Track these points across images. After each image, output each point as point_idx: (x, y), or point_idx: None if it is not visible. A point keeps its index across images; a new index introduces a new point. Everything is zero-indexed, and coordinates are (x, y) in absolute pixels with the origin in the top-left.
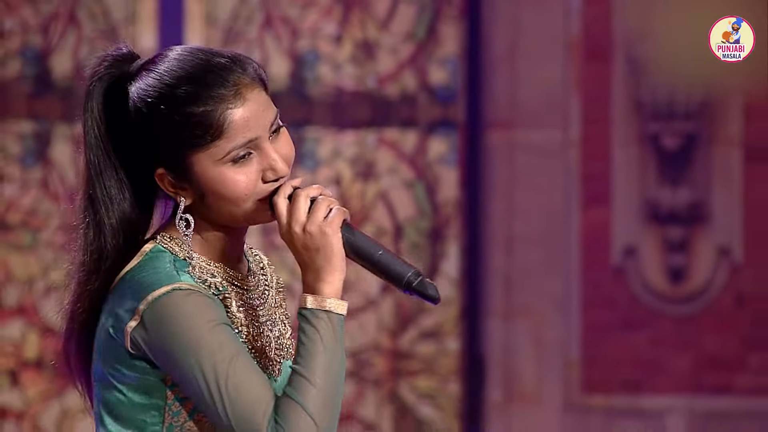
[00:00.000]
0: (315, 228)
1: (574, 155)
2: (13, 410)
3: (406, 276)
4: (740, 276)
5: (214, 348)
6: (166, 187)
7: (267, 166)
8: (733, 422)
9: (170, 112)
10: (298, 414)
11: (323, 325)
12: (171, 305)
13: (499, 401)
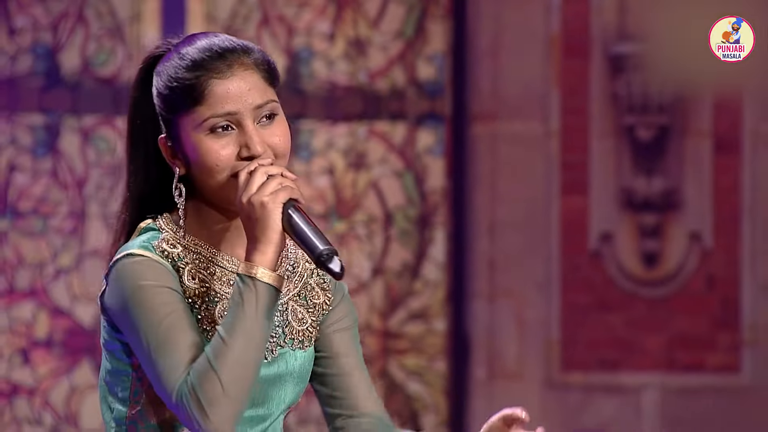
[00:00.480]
0: (257, 200)
1: (553, 146)
2: (24, 387)
3: (316, 251)
4: (710, 260)
5: (147, 309)
6: (167, 156)
7: (243, 143)
8: (704, 398)
9: (170, 79)
10: (207, 371)
11: (248, 291)
12: (119, 270)
13: (483, 378)
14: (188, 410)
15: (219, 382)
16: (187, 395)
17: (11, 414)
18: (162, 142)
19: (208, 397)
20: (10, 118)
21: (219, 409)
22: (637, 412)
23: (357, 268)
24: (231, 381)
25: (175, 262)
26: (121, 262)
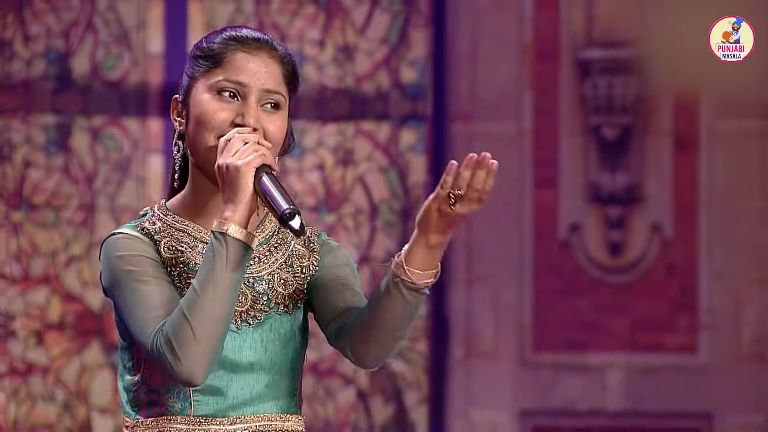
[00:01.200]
0: (232, 164)
1: (526, 144)
2: (38, 366)
3: (280, 210)
4: (670, 249)
5: (123, 273)
6: (173, 114)
7: (241, 112)
8: (664, 376)
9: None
10: (180, 319)
11: (219, 246)
12: (105, 246)
13: (460, 358)
14: (163, 355)
15: (190, 328)
16: (162, 343)
17: (26, 391)
18: (174, 100)
19: (179, 342)
20: (25, 118)
21: (190, 353)
22: (603, 389)
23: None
24: (201, 328)
25: (152, 236)
26: (105, 242)
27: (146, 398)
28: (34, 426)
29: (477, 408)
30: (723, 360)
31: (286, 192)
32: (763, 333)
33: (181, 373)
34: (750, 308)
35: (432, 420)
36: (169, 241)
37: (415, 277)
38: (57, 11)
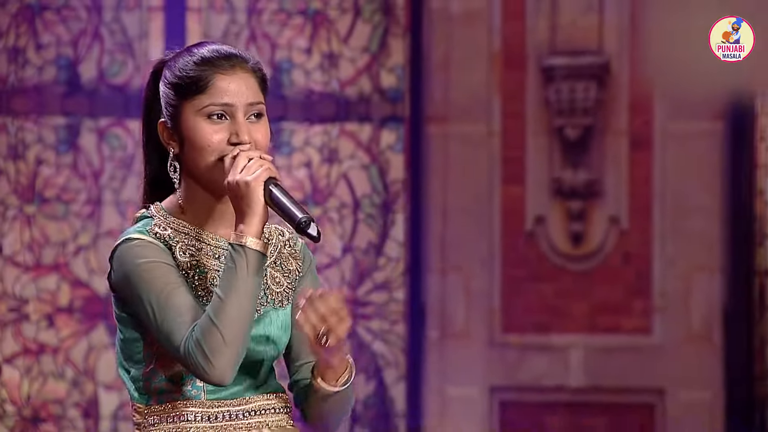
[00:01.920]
0: (242, 180)
1: (495, 143)
2: (49, 346)
3: (296, 219)
4: (626, 239)
5: (148, 281)
6: (163, 138)
7: (234, 131)
8: (621, 355)
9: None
10: (209, 326)
11: (239, 257)
12: (122, 251)
13: (435, 339)
14: (195, 361)
15: (220, 334)
16: (193, 348)
17: (38, 369)
18: (162, 124)
19: (211, 348)
20: (37, 120)
21: (221, 358)
22: (565, 367)
23: (329, 246)
24: (230, 332)
25: (166, 241)
26: (121, 247)
27: (158, 387)
28: (45, 401)
29: (450, 385)
30: (674, 340)
31: (296, 201)
32: (711, 315)
33: (213, 376)
34: (698, 293)
35: (409, 396)
36: (183, 246)
37: (331, 385)
38: (66, 22)
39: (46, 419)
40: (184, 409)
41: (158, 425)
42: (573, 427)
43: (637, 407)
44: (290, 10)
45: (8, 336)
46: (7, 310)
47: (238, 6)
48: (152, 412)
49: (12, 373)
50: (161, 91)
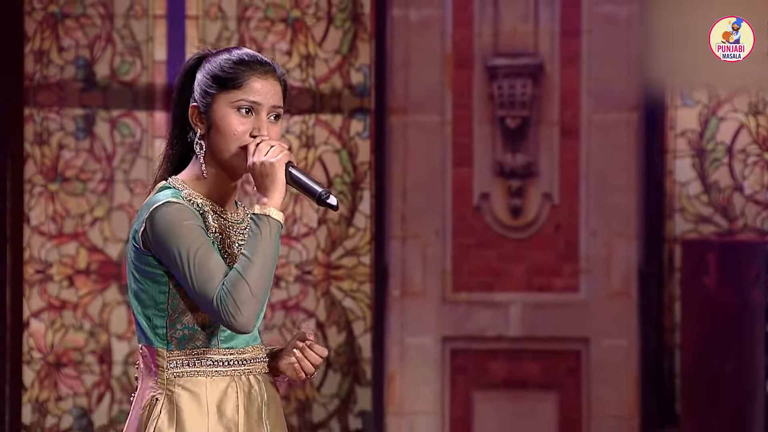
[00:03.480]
0: (267, 161)
1: (447, 131)
2: (70, 303)
3: (316, 192)
4: (557, 212)
5: (187, 239)
6: (193, 119)
7: (257, 125)
8: (552, 310)
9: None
10: (238, 280)
11: (264, 225)
12: (163, 211)
13: (397, 297)
14: (225, 309)
15: (248, 287)
16: (224, 298)
17: (60, 322)
18: (193, 107)
19: (240, 299)
20: (59, 111)
21: (248, 307)
22: (506, 320)
23: (307, 218)
24: (256, 286)
25: (200, 208)
26: (162, 209)
27: (180, 334)
28: (66, 349)
29: (409, 335)
30: (597, 297)
31: (314, 179)
32: (628, 276)
33: (240, 324)
34: (617, 257)
35: (374, 345)
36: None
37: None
38: (84, 28)
39: (67, 364)
40: (201, 355)
41: (181, 368)
42: (512, 371)
43: (565, 353)
44: (273, 18)
45: (35, 294)
46: (33, 272)
47: (229, 15)
48: (173, 357)
49: (38, 325)
50: (198, 80)
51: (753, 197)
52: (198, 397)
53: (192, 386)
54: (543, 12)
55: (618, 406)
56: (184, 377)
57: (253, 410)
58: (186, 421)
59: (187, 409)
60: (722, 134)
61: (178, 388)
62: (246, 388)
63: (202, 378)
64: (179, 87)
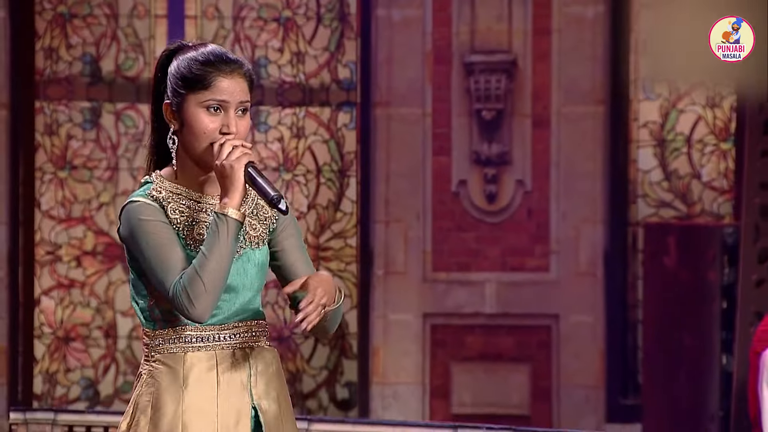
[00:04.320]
0: (227, 164)
1: (427, 123)
2: (78, 281)
3: (269, 196)
4: (529, 198)
5: (147, 235)
6: (167, 116)
7: (225, 122)
8: (525, 288)
9: (189, 67)
10: (193, 276)
11: (222, 224)
12: (127, 211)
13: (381, 276)
14: (180, 302)
15: (202, 283)
16: (180, 292)
17: (69, 299)
18: (166, 105)
19: (194, 293)
20: (68, 104)
21: (201, 301)
22: (482, 297)
23: (298, 203)
24: (210, 282)
25: (160, 203)
26: (126, 207)
27: (161, 315)
28: (74, 324)
29: (392, 312)
30: (566, 276)
31: (269, 181)
32: (594, 257)
33: (194, 315)
34: (585, 239)
35: (360, 321)
36: (174, 205)
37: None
38: (90, 27)
39: (75, 339)
40: (182, 333)
41: (163, 345)
42: (487, 345)
43: (537, 328)
44: (266, 18)
45: (45, 273)
46: (44, 253)
47: (226, 15)
48: (157, 336)
49: (48, 302)
50: (169, 77)
51: (710, 184)
52: (173, 371)
53: (170, 361)
54: (516, 12)
55: (585, 377)
56: (164, 353)
57: (236, 381)
58: (162, 394)
59: (163, 381)
60: (681, 125)
61: (158, 363)
62: (228, 360)
63: (180, 353)
64: (155, 82)
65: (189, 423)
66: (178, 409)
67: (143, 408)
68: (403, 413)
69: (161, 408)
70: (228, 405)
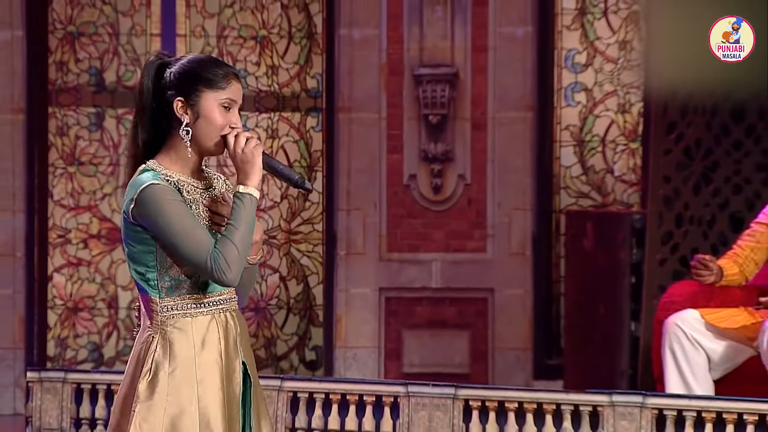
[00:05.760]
0: (248, 150)
1: (383, 126)
2: (85, 260)
3: (294, 179)
4: (469, 189)
5: (172, 214)
6: (178, 110)
7: (234, 119)
8: (466, 266)
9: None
10: (227, 243)
11: (246, 201)
12: (147, 192)
13: (343, 256)
14: (218, 268)
15: (236, 249)
16: (217, 259)
17: (77, 275)
18: (178, 102)
19: (230, 258)
20: (76, 109)
21: (236, 265)
22: (429, 274)
23: (272, 194)
24: (242, 249)
25: (176, 185)
26: (148, 189)
27: (168, 284)
28: (82, 297)
29: (353, 286)
30: (500, 256)
31: (286, 165)
32: (524, 240)
33: (230, 279)
34: (516, 225)
35: (326, 294)
36: (185, 190)
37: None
38: (95, 44)
39: (82, 309)
40: (186, 300)
41: (171, 312)
42: (433, 314)
43: (475, 300)
44: (245, 37)
45: (57, 254)
46: (56, 236)
47: (211, 34)
48: (165, 303)
49: (59, 278)
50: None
51: (621, 178)
52: (185, 333)
53: (180, 325)
54: (458, 32)
55: (516, 341)
56: (174, 318)
57: (230, 340)
58: (177, 353)
59: (177, 343)
60: (597, 128)
61: (170, 327)
62: (223, 323)
63: (188, 318)
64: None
65: (203, 378)
66: (192, 366)
67: (160, 363)
68: (362, 372)
69: (178, 366)
70: (228, 360)
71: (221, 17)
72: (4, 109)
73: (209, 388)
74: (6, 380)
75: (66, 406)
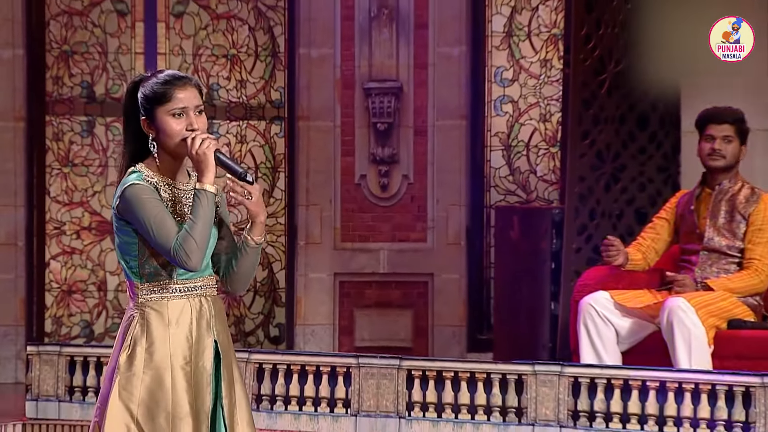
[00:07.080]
0: (201, 151)
1: (337, 132)
2: (77, 249)
3: (239, 173)
4: (412, 188)
5: (148, 209)
6: (145, 128)
7: (189, 123)
8: (409, 254)
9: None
10: (187, 236)
11: (202, 196)
12: (131, 192)
13: (303, 245)
14: (179, 257)
15: (194, 241)
16: (178, 249)
17: (71, 262)
18: (143, 121)
19: (189, 249)
20: (70, 118)
21: (195, 255)
22: (377, 261)
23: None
24: (199, 240)
25: (155, 185)
26: (129, 189)
27: (149, 271)
28: (75, 281)
29: (311, 272)
30: (439, 246)
31: (236, 161)
32: (459, 231)
33: (190, 266)
34: (452, 219)
35: (287, 278)
36: (163, 188)
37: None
38: (87, 61)
39: (75, 291)
40: (165, 285)
41: (150, 295)
42: (381, 295)
43: (417, 284)
44: (218, 55)
45: (53, 243)
46: (52, 228)
47: (188, 52)
48: (145, 287)
49: (56, 264)
50: (140, 99)
51: (543, 178)
52: (162, 314)
53: (158, 307)
54: (402, 51)
55: (452, 319)
56: (152, 301)
57: (203, 322)
58: (153, 330)
59: (153, 322)
60: (522, 135)
61: (148, 308)
62: (197, 306)
63: (165, 301)
64: (127, 104)
65: (175, 352)
66: (166, 342)
67: (138, 339)
68: (319, 346)
69: (154, 342)
70: (199, 338)
71: (197, 38)
72: (7, 117)
73: (178, 362)
74: (9, 353)
75: (61, 375)
